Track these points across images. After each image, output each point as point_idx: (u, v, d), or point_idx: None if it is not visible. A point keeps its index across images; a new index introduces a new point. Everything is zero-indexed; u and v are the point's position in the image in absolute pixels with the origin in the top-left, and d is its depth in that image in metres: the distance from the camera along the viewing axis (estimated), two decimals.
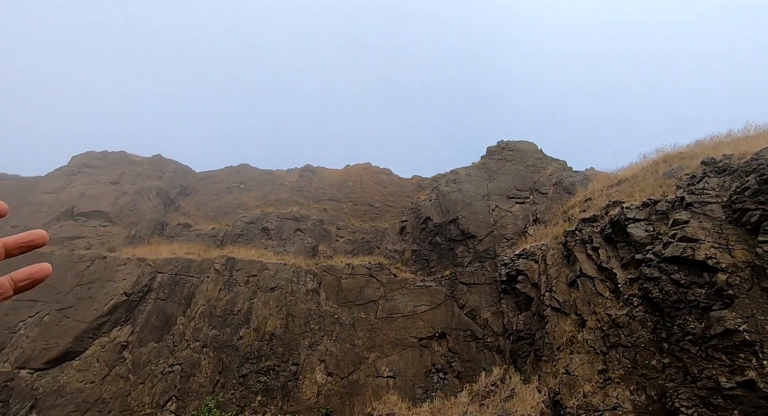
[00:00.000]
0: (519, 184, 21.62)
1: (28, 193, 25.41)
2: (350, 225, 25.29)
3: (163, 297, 17.47)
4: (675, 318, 9.14)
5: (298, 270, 18.62)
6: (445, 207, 21.48)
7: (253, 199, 28.32)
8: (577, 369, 10.07)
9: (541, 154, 24.44)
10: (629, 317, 10.09)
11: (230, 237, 23.21)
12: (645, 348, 9.36)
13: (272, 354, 15.41)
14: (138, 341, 15.95)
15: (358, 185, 29.67)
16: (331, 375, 14.77)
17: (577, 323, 11.56)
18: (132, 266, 18.54)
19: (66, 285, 18.04)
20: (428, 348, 15.49)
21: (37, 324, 16.43)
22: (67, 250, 20.31)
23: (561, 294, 12.79)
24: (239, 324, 16.43)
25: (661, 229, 11.16)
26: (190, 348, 15.60)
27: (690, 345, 8.50)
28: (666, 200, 12.04)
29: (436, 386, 14.20)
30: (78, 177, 26.99)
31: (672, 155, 15.78)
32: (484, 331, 15.39)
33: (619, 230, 12.27)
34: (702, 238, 9.81)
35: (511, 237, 18.50)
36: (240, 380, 14.69)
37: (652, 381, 8.79)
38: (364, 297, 17.68)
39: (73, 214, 23.50)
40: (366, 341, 15.88)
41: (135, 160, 30.39)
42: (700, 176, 11.92)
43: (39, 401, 13.93)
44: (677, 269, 9.71)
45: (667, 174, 14.37)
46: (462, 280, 17.35)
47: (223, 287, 17.81)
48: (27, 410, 13.71)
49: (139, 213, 24.61)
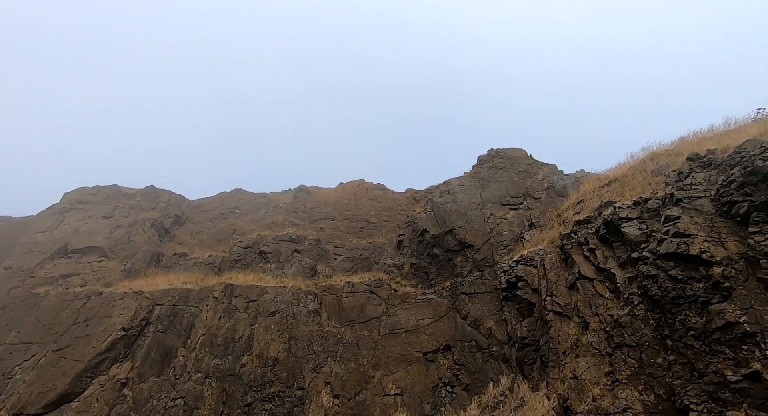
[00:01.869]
0: (512, 190, 21.81)
1: (20, 233, 25.19)
2: (347, 242, 25.24)
3: (162, 330, 17.20)
4: (676, 314, 9.14)
5: (297, 292, 18.46)
6: (440, 218, 21.56)
7: (249, 223, 28.26)
8: (584, 373, 9.97)
9: (531, 160, 24.75)
10: (631, 316, 10.08)
11: (228, 264, 23.04)
12: (649, 347, 9.32)
13: (276, 380, 15.12)
14: (138, 377, 15.61)
15: (352, 202, 29.76)
16: (338, 398, 14.48)
17: (581, 326, 11.52)
18: (129, 300, 18.29)
19: (62, 325, 17.73)
20: (434, 362, 15.28)
21: (34, 367, 16.05)
22: (61, 289, 20.03)
23: (562, 298, 12.77)
24: (241, 351, 16.16)
25: (654, 227, 11.27)
26: (192, 380, 15.28)
27: (693, 340, 8.49)
28: (656, 197, 12.20)
29: (445, 400, 13.95)
30: (71, 213, 26.86)
31: (658, 153, 16.05)
32: (489, 341, 15.25)
33: (614, 230, 12.37)
34: (694, 233, 9.92)
35: (508, 244, 18.54)
36: (245, 409, 14.36)
37: (659, 379, 8.73)
38: (366, 315, 17.51)
39: (67, 252, 23.27)
40: (371, 359, 15.65)
41: (128, 193, 30.35)
42: (687, 172, 12.13)
43: None
44: (673, 265, 9.78)
45: (655, 172, 14.59)
46: (463, 291, 17.28)
47: (223, 314, 17.59)
48: None
49: (134, 245, 24.44)
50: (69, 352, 16.39)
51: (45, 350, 16.67)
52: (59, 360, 16.16)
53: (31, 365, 16.18)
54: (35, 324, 17.98)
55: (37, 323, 18.01)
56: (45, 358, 16.34)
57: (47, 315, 18.31)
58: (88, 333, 17.04)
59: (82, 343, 16.65)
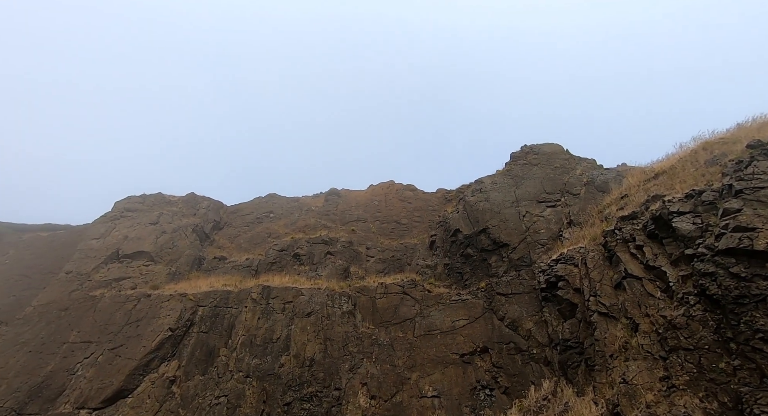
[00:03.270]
0: (548, 187, 20.99)
1: (78, 240, 27.18)
2: (379, 244, 25.27)
3: (205, 330, 17.92)
4: (740, 315, 8.38)
5: (332, 293, 18.66)
6: (473, 217, 21.11)
7: (283, 226, 28.97)
8: (635, 378, 9.35)
9: (568, 155, 23.75)
10: (687, 317, 9.35)
11: (264, 266, 23.71)
12: (710, 350, 8.59)
13: (314, 380, 15.32)
14: (185, 375, 16.33)
15: (383, 204, 29.79)
16: (374, 399, 14.46)
17: (629, 327, 10.83)
18: (174, 302, 19.22)
19: (116, 325, 18.90)
20: (471, 364, 14.92)
21: (93, 365, 17.20)
22: (115, 291, 21.39)
23: (607, 298, 12.08)
24: (279, 351, 16.53)
25: (710, 221, 10.43)
26: (234, 379, 15.79)
27: (762, 343, 7.73)
28: (712, 189, 11.30)
29: (484, 404, 13.56)
30: (121, 221, 28.68)
31: (712, 142, 14.89)
32: (528, 343, 14.69)
33: (663, 225, 11.57)
34: (759, 226, 9.08)
35: (545, 242, 17.84)
36: (284, 408, 14.65)
37: (723, 386, 8.02)
38: (400, 316, 17.41)
39: (119, 257, 24.84)
40: (406, 361, 15.52)
41: (171, 200, 32.01)
42: (748, 161, 11.15)
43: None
44: (735, 262, 8.99)
45: (709, 162, 13.53)
46: (499, 291, 16.78)
47: (261, 316, 18.08)
48: None
49: (177, 250, 25.70)
50: (123, 351, 17.44)
51: (102, 349, 17.82)
52: (114, 358, 17.23)
53: (91, 362, 17.35)
54: (93, 324, 19.30)
55: (95, 323, 19.32)
56: (102, 356, 17.47)
57: (103, 316, 19.60)
58: (139, 333, 18.06)
59: (133, 342, 17.67)
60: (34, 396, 16.30)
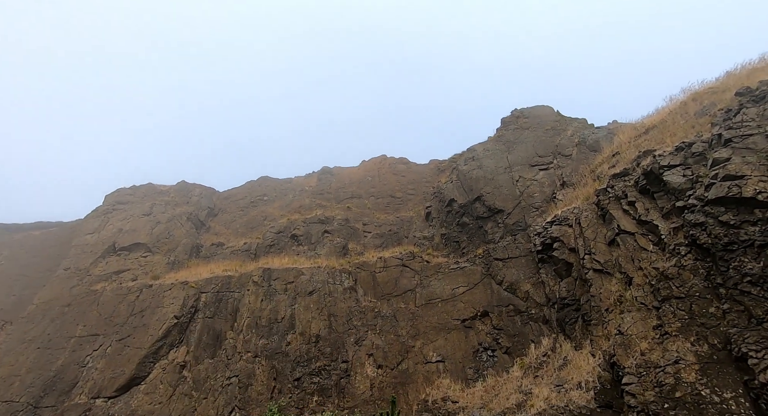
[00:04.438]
0: (540, 150, 20.92)
1: (72, 236, 26.99)
2: (375, 219, 25.34)
3: (210, 315, 18.18)
4: (729, 261, 8.59)
5: (332, 271, 18.87)
6: (467, 186, 21.12)
7: (278, 208, 28.88)
8: (630, 328, 9.68)
9: (558, 116, 23.53)
10: (678, 267, 9.57)
11: (262, 249, 23.80)
12: (700, 297, 8.87)
13: (321, 355, 15.74)
14: (194, 359, 16.70)
15: (376, 179, 29.65)
16: (381, 368, 14.93)
17: (623, 281, 11.10)
18: (177, 290, 19.37)
19: (121, 317, 19.10)
20: (472, 329, 15.36)
21: (103, 356, 17.50)
22: (116, 284, 21.47)
23: (601, 255, 12.32)
24: (285, 330, 16.87)
25: (700, 172, 10.50)
26: (243, 360, 16.18)
27: (750, 286, 7.97)
28: (701, 140, 11.31)
29: (486, 364, 14.07)
30: (113, 214, 28.40)
31: (701, 92, 14.76)
32: (527, 304, 15.08)
33: (655, 180, 11.64)
34: (748, 174, 9.16)
35: (540, 205, 17.96)
36: (295, 383, 15.11)
37: (713, 329, 8.33)
38: (401, 288, 17.71)
39: (116, 250, 24.77)
40: (409, 330, 15.93)
41: (162, 190, 31.63)
42: (737, 108, 11.10)
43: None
44: (724, 210, 9.12)
45: (699, 113, 13.47)
46: (496, 256, 17.04)
47: (264, 297, 18.32)
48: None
49: (174, 239, 25.64)
50: (130, 341, 17.72)
51: (110, 340, 18.09)
52: (123, 348, 17.52)
53: (100, 354, 17.65)
54: (98, 317, 19.48)
55: (99, 316, 19.50)
56: (110, 347, 17.76)
57: (107, 309, 19.77)
58: (145, 323, 18.29)
59: (140, 332, 17.93)
60: (48, 389, 16.65)
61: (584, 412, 9.29)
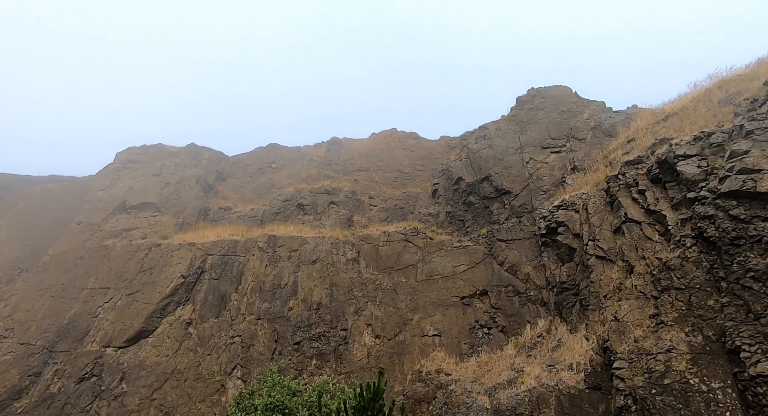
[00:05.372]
0: (554, 132, 20.45)
1: (85, 192, 27.49)
2: (382, 193, 25.35)
3: (215, 277, 18.72)
4: (734, 255, 8.53)
5: (336, 241, 19.13)
6: (476, 165, 20.88)
7: (285, 177, 28.95)
8: (626, 315, 9.80)
9: (576, 97, 22.81)
10: (682, 259, 9.55)
11: (269, 216, 24.09)
12: (700, 289, 8.89)
13: (321, 322, 16.26)
14: (200, 317, 17.37)
15: (385, 153, 29.40)
16: (379, 338, 15.42)
17: (625, 269, 11.14)
18: (184, 251, 19.87)
19: (130, 272, 19.75)
20: (470, 306, 15.67)
21: (113, 309, 18.27)
22: (126, 241, 22.05)
23: (605, 242, 12.29)
24: (287, 296, 17.37)
25: (716, 164, 10.23)
26: (246, 321, 16.79)
27: (752, 282, 7.96)
28: (722, 131, 10.94)
29: (482, 341, 14.46)
30: (124, 172, 28.74)
31: (728, 80, 14.12)
32: (527, 285, 15.26)
33: (668, 169, 11.39)
34: (765, 168, 8.92)
35: (548, 188, 17.78)
36: (295, 347, 15.73)
37: (709, 321, 8.40)
38: (403, 263, 17.97)
39: (126, 208, 25.25)
40: (409, 303, 16.30)
41: (172, 151, 31.75)
42: (764, 98, 10.65)
43: (126, 374, 15.74)
44: (736, 204, 8.96)
45: (723, 101, 12.95)
46: (499, 237, 17.09)
47: (269, 263, 18.75)
48: (117, 381, 15.57)
49: (182, 201, 26.01)
50: (139, 296, 18.41)
51: (120, 294, 18.81)
52: (132, 302, 18.23)
53: (110, 306, 18.42)
54: (108, 272, 20.17)
55: (110, 271, 20.19)
56: (120, 301, 18.50)
57: (117, 264, 20.43)
58: (153, 280, 18.92)
59: (149, 288, 18.58)
60: (62, 335, 17.54)
61: (573, 392, 9.60)
